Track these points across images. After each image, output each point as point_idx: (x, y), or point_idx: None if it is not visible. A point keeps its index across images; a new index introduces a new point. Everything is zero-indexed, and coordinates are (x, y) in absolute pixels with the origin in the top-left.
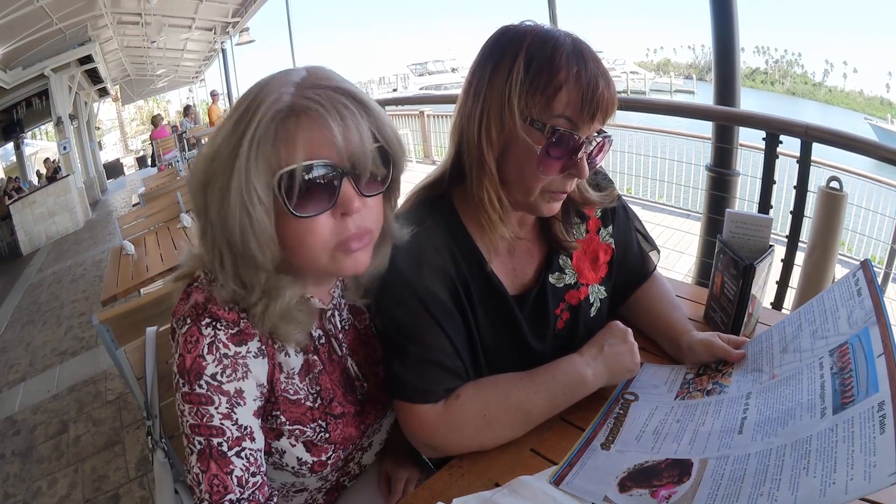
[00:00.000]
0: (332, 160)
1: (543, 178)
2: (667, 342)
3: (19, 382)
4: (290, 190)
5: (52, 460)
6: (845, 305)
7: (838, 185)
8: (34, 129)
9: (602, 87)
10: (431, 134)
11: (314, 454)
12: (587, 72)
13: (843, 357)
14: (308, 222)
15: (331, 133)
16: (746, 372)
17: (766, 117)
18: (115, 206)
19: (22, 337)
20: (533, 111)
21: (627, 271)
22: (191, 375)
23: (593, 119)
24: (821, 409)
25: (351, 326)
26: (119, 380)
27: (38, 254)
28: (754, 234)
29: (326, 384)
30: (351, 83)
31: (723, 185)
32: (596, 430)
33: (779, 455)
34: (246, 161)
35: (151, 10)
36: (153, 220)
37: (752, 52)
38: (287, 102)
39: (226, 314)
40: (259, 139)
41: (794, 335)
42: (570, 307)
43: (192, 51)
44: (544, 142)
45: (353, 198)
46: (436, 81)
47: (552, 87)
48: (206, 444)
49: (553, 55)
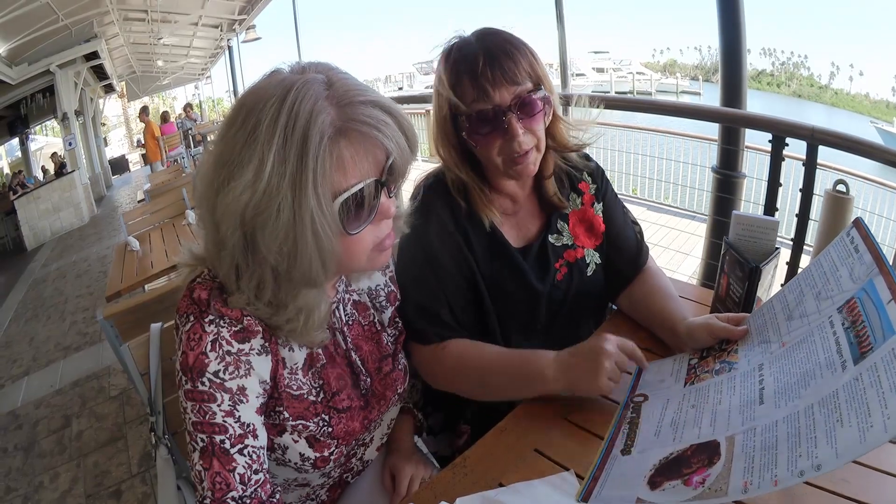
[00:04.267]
0: (376, 177)
1: (491, 152)
2: (666, 333)
3: (22, 377)
4: (347, 212)
5: (55, 455)
6: (844, 264)
7: (845, 188)
8: (40, 125)
9: (484, 62)
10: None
11: (317, 450)
12: (464, 53)
13: (852, 311)
14: (356, 236)
15: (379, 152)
16: (753, 346)
17: (773, 119)
18: (121, 203)
19: (26, 332)
20: (457, 112)
21: (624, 258)
22: (193, 373)
23: (495, 87)
24: (841, 364)
25: (355, 322)
26: (122, 375)
27: (43, 249)
28: (760, 237)
29: (329, 378)
30: (376, 92)
31: (729, 187)
32: (613, 439)
33: (808, 415)
34: (313, 187)
35: (158, 7)
36: (158, 217)
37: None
38: (335, 124)
39: (229, 311)
40: (320, 164)
41: (797, 301)
42: (567, 263)
43: (198, 48)
44: (469, 127)
45: (391, 206)
46: None
47: (460, 83)
48: (208, 441)
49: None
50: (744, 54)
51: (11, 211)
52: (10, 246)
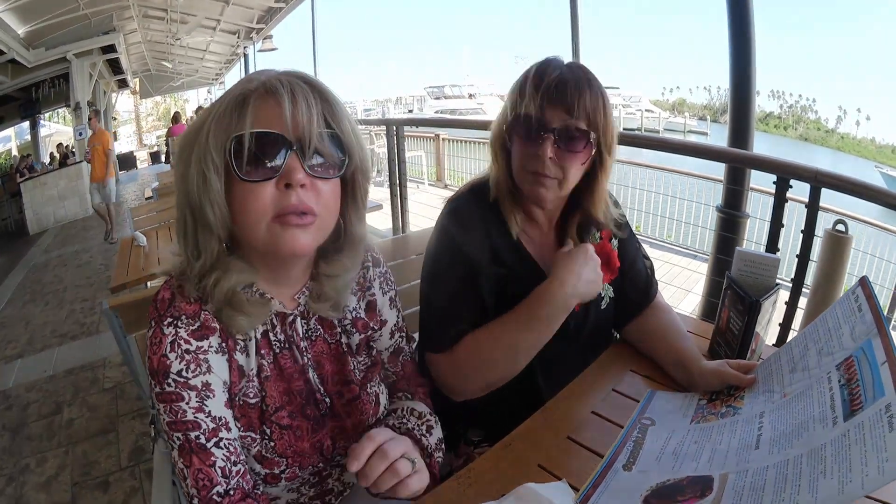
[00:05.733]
0: (281, 132)
1: (521, 157)
2: (677, 370)
3: (16, 359)
4: (238, 155)
5: (44, 440)
6: (847, 322)
7: (844, 227)
8: (51, 112)
9: (555, 79)
10: (445, 157)
11: (266, 466)
12: (547, 65)
13: (849, 369)
14: (252, 187)
15: (280, 108)
16: (758, 394)
17: (777, 161)
18: (126, 198)
19: (22, 314)
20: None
21: (634, 289)
22: (159, 375)
23: (551, 104)
24: (832, 419)
25: (319, 338)
26: (118, 369)
27: (45, 235)
28: (761, 273)
29: (272, 392)
30: (321, 82)
31: (732, 226)
32: (617, 453)
33: (796, 464)
34: (207, 131)
35: (178, 7)
36: (166, 215)
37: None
38: (252, 86)
39: (188, 306)
40: (220, 113)
41: (801, 355)
42: None
43: (214, 52)
44: (512, 122)
45: (297, 170)
46: (452, 106)
47: (527, 86)
48: (184, 438)
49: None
50: (753, 96)
51: (17, 193)
52: (13, 227)
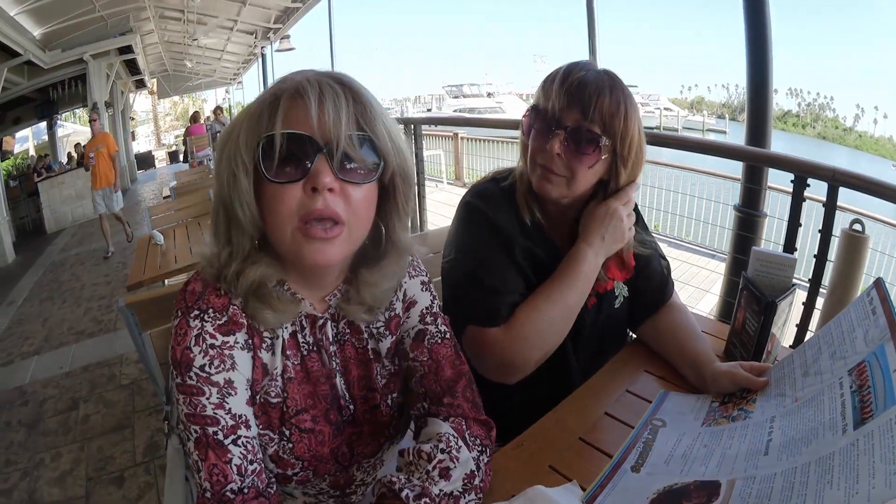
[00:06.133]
0: (309, 134)
1: (533, 149)
2: (690, 372)
3: (33, 355)
4: (267, 155)
5: (59, 435)
6: (861, 325)
7: (861, 227)
8: (69, 112)
9: (578, 80)
10: (464, 156)
11: (279, 467)
12: (577, 65)
13: (861, 375)
14: (279, 189)
15: (308, 108)
16: (770, 397)
17: (795, 159)
18: (144, 197)
19: (40, 311)
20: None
21: (649, 288)
22: (181, 367)
23: (568, 103)
24: (842, 427)
25: (347, 342)
26: (135, 366)
27: (63, 234)
28: (778, 273)
29: (295, 394)
30: (358, 82)
31: (750, 226)
32: (626, 453)
33: (803, 472)
34: (239, 130)
35: (194, 8)
36: (184, 214)
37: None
38: (284, 86)
39: (217, 299)
40: (253, 112)
41: (814, 358)
42: (597, 294)
43: (231, 52)
44: (530, 112)
45: (325, 173)
46: (470, 105)
47: (553, 83)
48: (201, 432)
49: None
50: (770, 94)
51: (34, 192)
52: (31, 227)
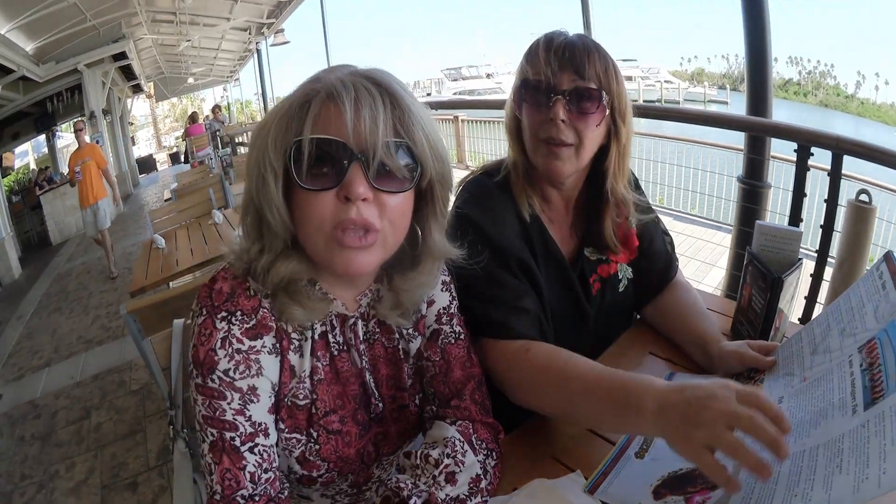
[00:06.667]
0: (344, 140)
1: (532, 125)
2: (697, 351)
3: (43, 368)
4: (298, 161)
5: (72, 445)
6: (871, 300)
7: (867, 197)
8: (67, 123)
9: (562, 44)
10: (466, 139)
11: (305, 469)
12: (553, 34)
13: (871, 353)
14: (311, 196)
15: (342, 113)
16: (778, 377)
17: (797, 128)
18: (147, 201)
19: (48, 324)
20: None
21: (654, 269)
22: (204, 368)
23: (560, 68)
24: (852, 407)
25: (377, 341)
26: (145, 370)
27: (68, 244)
28: (783, 247)
29: (324, 395)
30: (398, 81)
31: (754, 197)
32: (630, 440)
33: (811, 456)
34: (268, 131)
35: (186, 10)
36: (185, 216)
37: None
38: (317, 86)
39: (246, 301)
40: (283, 113)
41: (823, 336)
42: (601, 279)
43: (226, 50)
44: (521, 91)
45: (359, 183)
46: (470, 87)
47: (536, 55)
48: (218, 436)
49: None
50: (769, 63)
51: (37, 206)
52: (35, 240)
